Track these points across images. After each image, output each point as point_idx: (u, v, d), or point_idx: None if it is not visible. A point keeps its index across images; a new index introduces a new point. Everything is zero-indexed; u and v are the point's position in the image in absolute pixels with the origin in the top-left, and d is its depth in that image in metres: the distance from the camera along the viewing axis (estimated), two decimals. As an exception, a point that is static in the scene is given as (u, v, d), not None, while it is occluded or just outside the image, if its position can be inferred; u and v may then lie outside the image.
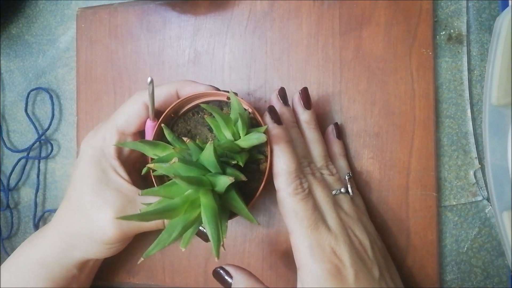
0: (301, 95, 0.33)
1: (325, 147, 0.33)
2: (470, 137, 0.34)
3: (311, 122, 0.33)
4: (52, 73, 0.45)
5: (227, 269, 0.30)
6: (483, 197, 0.34)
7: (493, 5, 0.34)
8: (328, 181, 0.31)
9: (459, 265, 0.34)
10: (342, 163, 0.34)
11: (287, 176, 0.29)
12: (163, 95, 0.32)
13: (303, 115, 0.33)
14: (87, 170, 0.32)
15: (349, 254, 0.27)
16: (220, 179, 0.26)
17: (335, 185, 0.31)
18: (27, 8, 0.47)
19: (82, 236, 0.32)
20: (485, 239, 0.34)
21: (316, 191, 0.30)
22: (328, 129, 0.35)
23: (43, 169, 0.45)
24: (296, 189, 0.29)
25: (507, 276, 0.33)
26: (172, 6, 0.40)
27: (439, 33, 0.35)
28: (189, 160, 0.27)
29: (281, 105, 0.32)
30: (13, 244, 0.46)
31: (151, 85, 0.28)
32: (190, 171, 0.26)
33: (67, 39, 0.45)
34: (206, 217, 0.24)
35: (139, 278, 0.40)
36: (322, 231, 0.28)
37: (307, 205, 0.28)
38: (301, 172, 0.29)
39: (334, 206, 0.30)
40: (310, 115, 0.33)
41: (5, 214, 0.46)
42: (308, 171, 0.31)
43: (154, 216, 0.24)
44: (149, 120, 0.32)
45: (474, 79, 0.35)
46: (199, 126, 0.32)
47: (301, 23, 0.37)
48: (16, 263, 0.34)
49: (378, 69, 0.35)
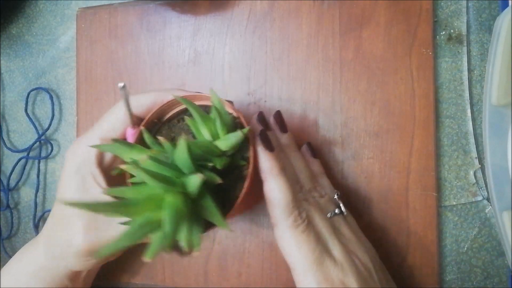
0: (275, 120, 0.32)
1: (309, 168, 0.32)
2: (470, 137, 0.34)
3: (291, 144, 0.32)
4: (52, 73, 0.45)
5: None
6: (483, 197, 0.34)
7: (493, 5, 0.35)
8: (321, 204, 0.30)
9: (459, 265, 0.34)
10: (325, 182, 0.33)
11: (284, 207, 0.27)
12: (147, 103, 0.31)
13: (282, 139, 0.32)
14: (69, 179, 0.31)
15: (357, 282, 0.27)
16: (191, 178, 0.23)
17: (329, 207, 0.30)
18: (27, 8, 0.47)
19: (64, 246, 0.31)
20: (485, 239, 0.34)
21: (314, 219, 0.28)
22: (303, 149, 0.34)
23: (43, 169, 0.45)
24: (295, 220, 0.27)
25: (507, 276, 0.33)
26: (172, 6, 0.40)
27: (439, 33, 0.35)
28: (162, 160, 0.24)
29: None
30: (13, 244, 0.46)
31: (123, 90, 0.26)
32: (162, 171, 0.24)
33: (67, 39, 0.45)
34: (167, 217, 0.21)
35: (139, 278, 0.40)
36: (329, 264, 0.27)
37: (309, 237, 0.27)
38: (297, 201, 0.28)
39: (334, 232, 0.29)
40: (289, 138, 0.32)
41: (5, 214, 0.46)
42: (301, 197, 0.29)
43: (106, 208, 0.21)
44: (129, 128, 0.30)
45: (474, 79, 0.35)
46: (184, 133, 0.30)
47: (301, 23, 0.37)
48: (11, 273, 0.34)
49: (378, 69, 0.35)
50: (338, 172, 0.36)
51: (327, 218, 0.29)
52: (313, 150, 0.34)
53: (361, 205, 0.35)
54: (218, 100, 0.26)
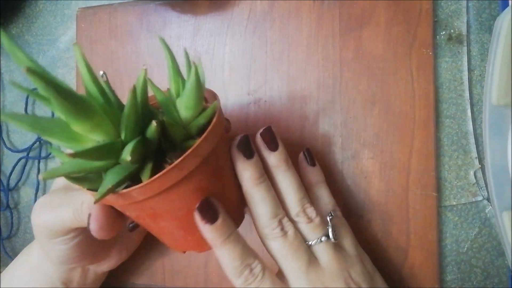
0: (263, 137, 0.29)
1: (301, 187, 0.29)
2: (470, 137, 0.34)
3: (280, 164, 0.29)
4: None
5: None
6: (483, 197, 0.34)
7: (493, 5, 0.34)
8: (304, 232, 0.28)
9: (459, 265, 0.34)
10: (323, 192, 0.31)
11: (231, 272, 0.26)
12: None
13: (270, 158, 0.29)
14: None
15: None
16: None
17: (313, 234, 0.28)
18: (27, 8, 0.47)
19: None
20: (485, 239, 0.34)
21: (282, 261, 0.27)
22: (300, 157, 0.32)
23: (43, 169, 0.45)
24: (246, 280, 0.26)
25: (507, 276, 0.33)
26: (172, 6, 0.40)
27: (439, 33, 0.35)
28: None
29: (243, 161, 0.27)
30: (13, 244, 0.46)
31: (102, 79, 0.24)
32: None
33: (67, 39, 0.45)
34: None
35: (139, 278, 0.40)
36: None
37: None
38: (248, 258, 0.26)
39: (307, 270, 0.27)
40: (278, 157, 0.29)
41: (5, 214, 0.46)
42: (274, 234, 0.27)
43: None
44: None
45: (474, 79, 0.35)
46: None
47: (301, 23, 0.37)
48: (9, 275, 0.34)
49: (378, 69, 0.35)
50: (338, 172, 0.36)
51: (305, 250, 0.27)
52: (312, 158, 0.32)
53: (361, 205, 0.35)
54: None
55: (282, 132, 0.37)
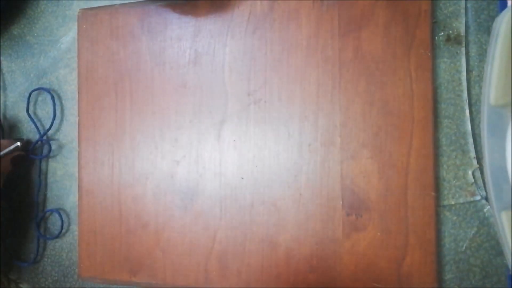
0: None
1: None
2: (469, 137, 0.34)
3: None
4: (53, 74, 0.46)
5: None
6: (482, 196, 0.34)
7: (492, 6, 0.35)
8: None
9: (458, 264, 0.34)
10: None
11: None
12: None
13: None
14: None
15: None
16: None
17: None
18: (28, 9, 0.47)
19: None
20: (484, 239, 0.34)
21: None
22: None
23: (44, 168, 0.46)
24: None
25: (505, 275, 0.33)
26: (173, 8, 0.40)
27: (438, 34, 0.35)
28: None
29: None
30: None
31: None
32: None
33: (68, 40, 0.45)
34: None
35: (140, 277, 0.40)
36: None
37: None
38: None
39: None
40: None
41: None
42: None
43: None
44: None
45: (473, 79, 0.35)
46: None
47: (300, 24, 0.37)
48: None
49: (377, 69, 0.35)
50: (338, 172, 0.36)
51: None
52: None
53: (360, 205, 0.35)
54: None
55: (281, 133, 0.37)
